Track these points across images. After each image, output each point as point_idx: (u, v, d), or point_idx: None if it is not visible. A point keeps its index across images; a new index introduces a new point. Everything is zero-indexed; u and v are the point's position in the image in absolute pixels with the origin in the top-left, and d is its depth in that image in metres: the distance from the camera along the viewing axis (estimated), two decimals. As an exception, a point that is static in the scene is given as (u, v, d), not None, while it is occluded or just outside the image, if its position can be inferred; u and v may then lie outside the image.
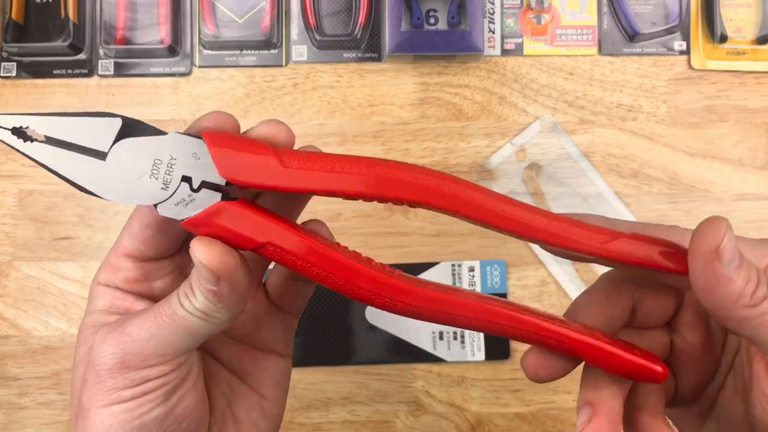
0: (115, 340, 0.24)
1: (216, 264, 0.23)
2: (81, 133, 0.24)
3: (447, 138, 0.55)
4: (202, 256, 0.23)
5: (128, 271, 0.27)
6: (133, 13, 0.55)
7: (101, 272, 0.28)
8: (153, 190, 0.24)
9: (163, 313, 0.24)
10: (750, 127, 0.55)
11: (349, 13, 0.55)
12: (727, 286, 0.22)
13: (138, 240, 0.27)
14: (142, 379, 0.24)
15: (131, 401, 0.24)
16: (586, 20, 0.56)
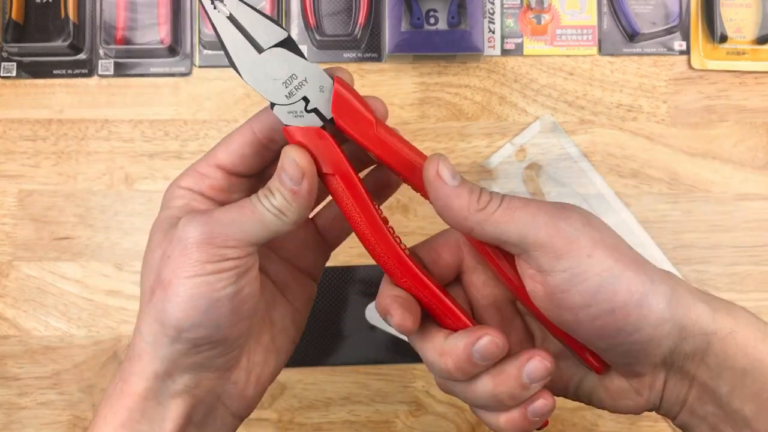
0: (203, 221, 0.28)
1: (304, 164, 0.28)
2: (256, 26, 0.29)
3: (447, 138, 0.55)
4: (296, 156, 0.28)
5: (216, 180, 0.31)
6: (133, 13, 0.55)
7: (185, 178, 0.31)
8: (279, 93, 0.29)
9: (245, 206, 0.29)
10: (750, 127, 0.55)
11: (349, 13, 0.55)
12: (458, 198, 0.28)
13: (235, 154, 0.31)
14: (222, 257, 0.28)
15: (212, 275, 0.28)
16: (586, 20, 0.56)
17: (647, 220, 0.54)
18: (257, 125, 0.31)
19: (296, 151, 0.28)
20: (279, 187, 0.28)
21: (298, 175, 0.28)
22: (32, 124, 0.55)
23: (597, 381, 0.31)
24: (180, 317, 0.28)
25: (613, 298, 0.27)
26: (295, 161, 0.28)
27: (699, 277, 0.53)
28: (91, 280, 0.54)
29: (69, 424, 0.53)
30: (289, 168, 0.28)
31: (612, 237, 0.28)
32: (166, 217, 0.30)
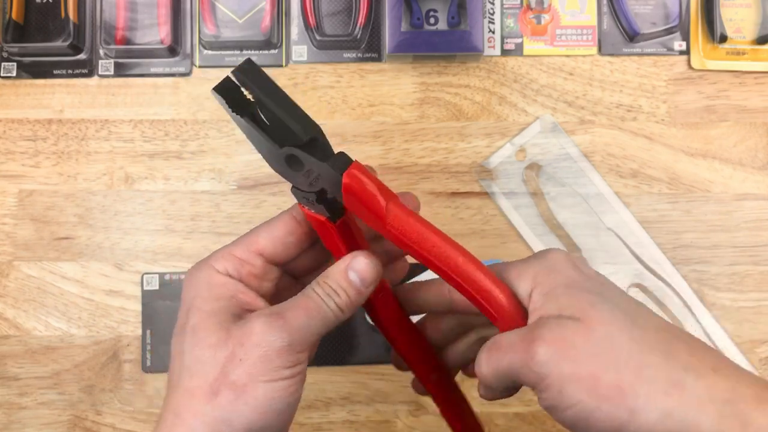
0: (281, 327, 0.29)
1: (380, 270, 0.31)
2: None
3: (447, 138, 0.55)
4: (369, 262, 0.30)
5: (256, 268, 0.31)
6: (134, 13, 0.55)
7: (221, 261, 0.31)
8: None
9: (310, 306, 0.30)
10: (750, 127, 0.55)
11: (349, 14, 0.55)
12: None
13: (278, 242, 0.32)
14: (297, 361, 0.29)
15: (289, 379, 0.29)
16: (586, 20, 0.56)
17: (647, 220, 0.54)
18: (298, 214, 0.32)
19: (368, 261, 0.30)
20: (347, 287, 0.30)
21: (373, 278, 0.30)
22: (32, 124, 0.55)
23: None
24: (255, 419, 0.28)
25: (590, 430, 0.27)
26: (370, 266, 0.30)
27: (699, 277, 0.53)
28: (91, 280, 0.54)
29: (69, 424, 0.53)
30: (363, 271, 0.30)
31: (592, 358, 0.26)
32: (220, 310, 0.30)
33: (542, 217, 0.54)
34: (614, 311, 0.27)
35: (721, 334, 0.52)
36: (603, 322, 0.27)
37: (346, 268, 0.30)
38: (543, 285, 0.29)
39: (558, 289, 0.29)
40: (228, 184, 0.55)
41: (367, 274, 0.30)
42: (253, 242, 0.31)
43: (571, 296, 0.28)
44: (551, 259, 0.30)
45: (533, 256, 0.31)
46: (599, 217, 0.54)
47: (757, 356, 0.53)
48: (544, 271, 0.30)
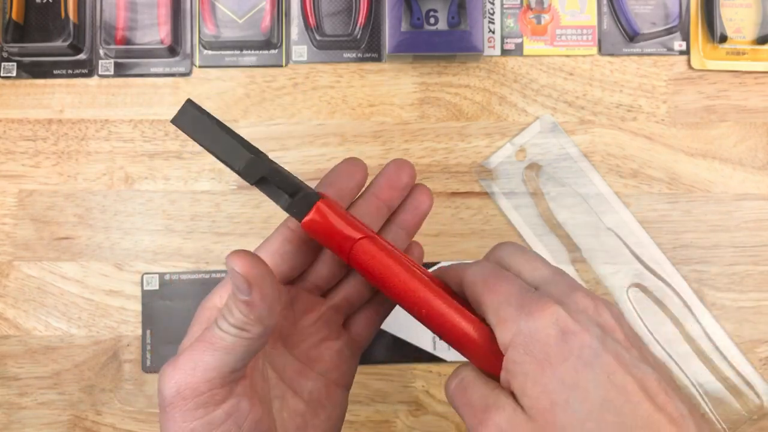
0: (169, 374, 0.26)
1: (247, 270, 0.25)
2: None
3: (447, 138, 0.55)
4: (236, 264, 0.25)
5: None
6: (134, 13, 0.55)
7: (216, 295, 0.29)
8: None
9: (203, 338, 0.26)
10: (750, 127, 0.55)
11: (349, 14, 0.55)
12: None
13: (276, 254, 0.29)
14: (200, 406, 0.26)
15: (204, 427, 0.26)
16: (586, 20, 0.56)
17: (647, 220, 0.54)
18: (294, 222, 0.30)
19: (237, 259, 0.25)
20: (233, 302, 0.26)
21: (245, 285, 0.25)
22: (32, 124, 0.55)
23: None
24: None
25: None
26: (236, 271, 0.25)
27: (699, 277, 0.53)
28: (91, 280, 0.54)
29: (69, 424, 0.53)
30: (234, 279, 0.25)
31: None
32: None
33: (542, 217, 0.54)
34: (573, 421, 0.24)
35: (721, 334, 0.52)
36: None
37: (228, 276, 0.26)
38: (518, 349, 0.26)
39: (529, 366, 0.26)
40: (228, 184, 0.55)
41: (238, 281, 0.25)
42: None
43: (536, 383, 0.25)
44: (538, 322, 0.26)
45: (524, 306, 0.27)
46: (599, 217, 0.54)
47: (757, 356, 0.53)
48: (525, 334, 0.26)
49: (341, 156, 0.54)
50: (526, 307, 0.26)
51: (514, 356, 0.26)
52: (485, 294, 0.28)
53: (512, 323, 0.26)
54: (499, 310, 0.27)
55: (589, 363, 0.25)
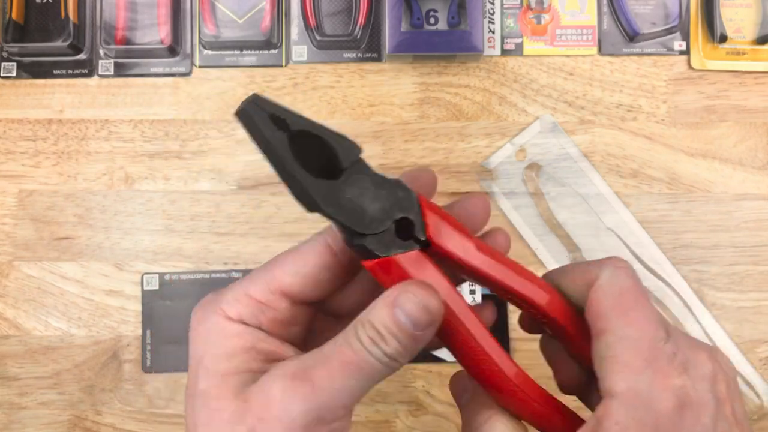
0: (306, 395, 0.23)
1: (437, 308, 0.23)
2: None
3: (447, 138, 0.55)
4: (425, 297, 0.23)
5: (280, 312, 0.25)
6: (133, 13, 0.55)
7: (235, 305, 0.25)
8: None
9: (350, 360, 0.23)
10: (750, 127, 0.55)
11: (349, 14, 0.55)
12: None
13: (308, 280, 0.25)
14: (332, 431, 0.23)
15: None
16: (586, 20, 0.56)
17: (647, 220, 0.54)
18: (335, 242, 0.25)
19: (422, 291, 0.23)
20: (396, 332, 0.23)
21: (426, 320, 0.23)
22: (32, 124, 0.55)
23: None
24: None
25: None
26: (424, 305, 0.23)
27: (699, 277, 0.53)
28: (91, 280, 0.54)
29: (69, 424, 0.53)
30: (415, 312, 0.23)
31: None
32: (234, 370, 0.24)
33: (542, 217, 0.54)
34: None
35: (721, 334, 0.52)
36: None
37: (392, 304, 0.23)
38: (626, 408, 0.23)
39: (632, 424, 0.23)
40: (228, 184, 0.55)
41: (419, 314, 0.23)
42: (276, 279, 0.25)
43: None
44: (659, 390, 0.23)
45: (652, 361, 0.23)
46: (599, 217, 0.54)
47: (757, 356, 0.53)
48: (641, 395, 0.23)
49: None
50: (655, 364, 0.23)
51: (618, 415, 0.23)
52: (617, 319, 0.24)
53: (632, 374, 0.23)
54: (625, 350, 0.24)
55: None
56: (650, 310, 0.25)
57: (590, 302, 0.25)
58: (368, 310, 0.24)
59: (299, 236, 0.53)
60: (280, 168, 0.23)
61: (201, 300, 0.27)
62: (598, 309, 0.25)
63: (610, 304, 0.25)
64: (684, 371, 0.23)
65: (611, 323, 0.24)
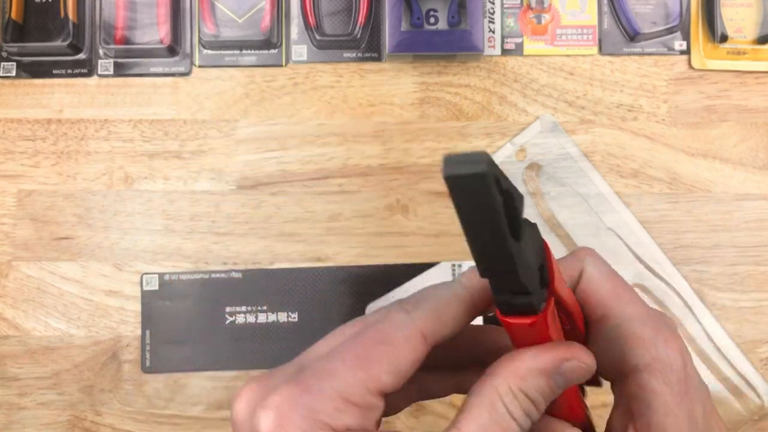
0: None
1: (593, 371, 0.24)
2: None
3: (447, 138, 0.54)
4: (592, 368, 0.24)
5: (379, 410, 0.22)
6: (133, 12, 0.55)
7: (337, 415, 0.21)
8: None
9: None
10: (751, 127, 0.55)
11: (349, 13, 0.55)
12: None
13: (405, 376, 0.22)
14: None
15: None
16: (587, 20, 0.56)
17: (647, 220, 0.54)
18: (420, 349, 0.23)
19: (589, 359, 0.24)
20: (550, 396, 0.23)
21: (583, 378, 0.24)
22: (32, 123, 0.55)
23: None
24: None
25: None
26: (590, 372, 0.24)
27: (699, 277, 0.53)
28: (90, 281, 0.54)
29: (69, 425, 0.53)
30: (581, 378, 0.24)
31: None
32: None
33: (542, 217, 0.54)
34: None
35: (721, 335, 0.52)
36: None
37: (552, 372, 0.22)
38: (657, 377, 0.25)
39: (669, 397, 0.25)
40: (227, 184, 0.54)
41: (581, 378, 0.23)
42: (374, 379, 0.21)
43: (675, 417, 0.25)
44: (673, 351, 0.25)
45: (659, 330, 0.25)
46: (599, 217, 0.53)
47: (758, 356, 0.53)
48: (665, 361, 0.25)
49: (341, 155, 0.54)
50: (660, 333, 0.25)
51: (653, 384, 0.25)
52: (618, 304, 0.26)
53: (651, 346, 0.25)
54: (636, 327, 0.25)
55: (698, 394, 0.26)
56: (630, 287, 0.27)
57: (585, 293, 0.27)
58: (512, 376, 0.22)
59: (299, 236, 0.53)
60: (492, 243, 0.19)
61: (249, 389, 0.23)
62: (596, 298, 0.26)
63: (606, 291, 0.26)
64: (674, 331, 0.26)
65: (614, 308, 0.26)
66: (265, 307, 0.53)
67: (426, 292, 0.25)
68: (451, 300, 0.24)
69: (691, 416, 0.25)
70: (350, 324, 0.26)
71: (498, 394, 0.22)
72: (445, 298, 0.24)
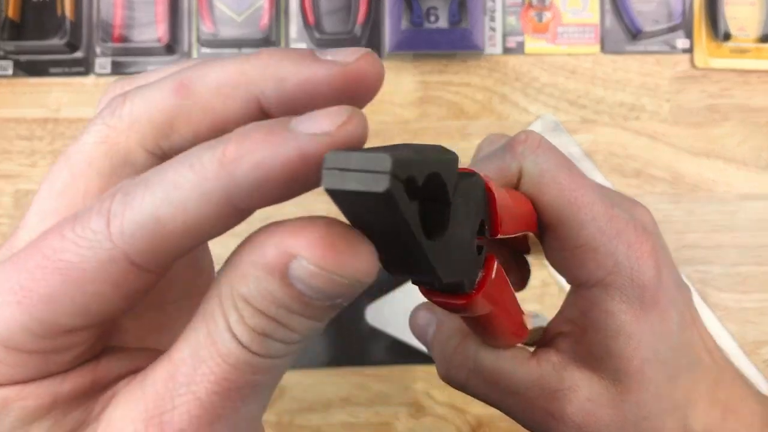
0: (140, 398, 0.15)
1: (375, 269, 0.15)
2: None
3: (448, 137, 0.54)
4: (365, 267, 0.15)
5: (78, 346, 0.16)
6: (131, 10, 0.55)
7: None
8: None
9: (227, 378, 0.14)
10: (753, 126, 0.54)
11: (349, 11, 0.55)
12: None
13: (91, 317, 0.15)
14: None
15: None
16: (588, 18, 0.55)
17: (650, 220, 0.53)
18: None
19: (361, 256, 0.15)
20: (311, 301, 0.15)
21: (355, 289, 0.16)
22: (29, 123, 0.55)
23: None
24: None
25: None
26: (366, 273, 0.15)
27: (702, 278, 0.53)
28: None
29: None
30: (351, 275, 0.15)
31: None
32: None
33: (544, 217, 0.53)
34: (659, 375, 0.22)
35: (724, 335, 0.52)
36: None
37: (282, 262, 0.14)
38: (613, 294, 0.22)
39: (625, 316, 0.22)
40: (226, 183, 0.54)
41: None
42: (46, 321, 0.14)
43: (630, 338, 0.22)
44: (640, 260, 0.22)
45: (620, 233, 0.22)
46: (601, 217, 0.53)
47: (760, 357, 0.52)
48: (625, 274, 0.22)
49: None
50: (622, 237, 0.22)
51: (607, 304, 0.21)
52: (565, 208, 0.22)
53: (607, 257, 0.21)
54: (588, 235, 0.21)
55: (673, 303, 0.22)
56: (587, 182, 0.22)
57: (529, 198, 0.23)
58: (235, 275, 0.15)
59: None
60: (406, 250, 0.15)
61: None
62: (542, 203, 0.22)
63: (552, 194, 0.22)
64: (644, 230, 0.22)
65: (560, 213, 0.22)
66: (264, 308, 0.53)
67: (156, 177, 0.14)
68: (192, 194, 0.14)
69: (660, 331, 0.22)
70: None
71: (220, 301, 0.15)
72: (181, 191, 0.14)
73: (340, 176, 0.13)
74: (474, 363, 0.24)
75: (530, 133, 0.23)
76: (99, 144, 0.16)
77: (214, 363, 0.14)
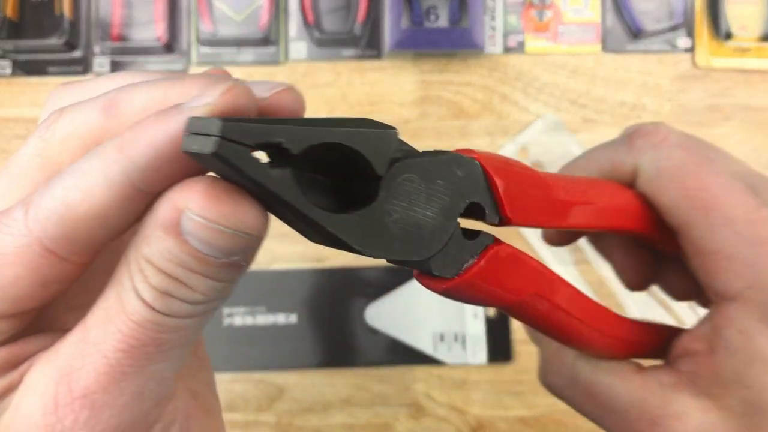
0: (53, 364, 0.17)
1: (264, 224, 0.16)
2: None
3: (448, 137, 0.54)
4: (249, 219, 0.15)
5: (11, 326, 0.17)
6: (129, 9, 0.55)
7: None
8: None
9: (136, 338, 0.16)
10: (755, 125, 0.54)
11: (349, 10, 0.55)
12: None
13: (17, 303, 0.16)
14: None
15: None
16: (590, 17, 0.55)
17: (651, 220, 0.53)
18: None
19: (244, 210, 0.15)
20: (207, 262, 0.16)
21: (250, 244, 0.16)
22: (27, 122, 0.54)
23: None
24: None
25: None
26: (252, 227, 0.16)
27: (703, 278, 0.53)
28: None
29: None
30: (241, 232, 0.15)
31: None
32: None
33: (544, 217, 0.53)
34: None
35: (726, 336, 0.52)
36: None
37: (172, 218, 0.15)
38: (751, 312, 0.19)
39: (763, 339, 0.18)
40: (225, 183, 0.54)
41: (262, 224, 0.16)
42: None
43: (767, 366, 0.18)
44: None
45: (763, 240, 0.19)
46: (602, 217, 0.53)
47: (762, 358, 0.52)
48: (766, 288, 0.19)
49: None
50: (765, 246, 0.19)
51: (741, 321, 0.19)
52: (693, 210, 0.19)
53: (744, 268, 0.19)
54: (723, 240, 0.19)
55: None
56: (727, 180, 0.19)
57: (648, 200, 0.20)
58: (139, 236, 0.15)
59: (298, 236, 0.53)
60: (297, 218, 0.16)
61: None
62: (662, 206, 0.20)
63: (668, 196, 0.20)
64: None
65: (685, 216, 0.20)
66: (263, 308, 0.52)
67: (70, 168, 0.16)
68: (98, 180, 0.15)
69: None
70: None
71: (127, 264, 0.16)
72: (88, 177, 0.15)
73: (191, 139, 0.14)
74: (571, 371, 0.23)
75: (657, 126, 0.21)
76: (34, 156, 0.17)
77: (121, 321, 0.15)
